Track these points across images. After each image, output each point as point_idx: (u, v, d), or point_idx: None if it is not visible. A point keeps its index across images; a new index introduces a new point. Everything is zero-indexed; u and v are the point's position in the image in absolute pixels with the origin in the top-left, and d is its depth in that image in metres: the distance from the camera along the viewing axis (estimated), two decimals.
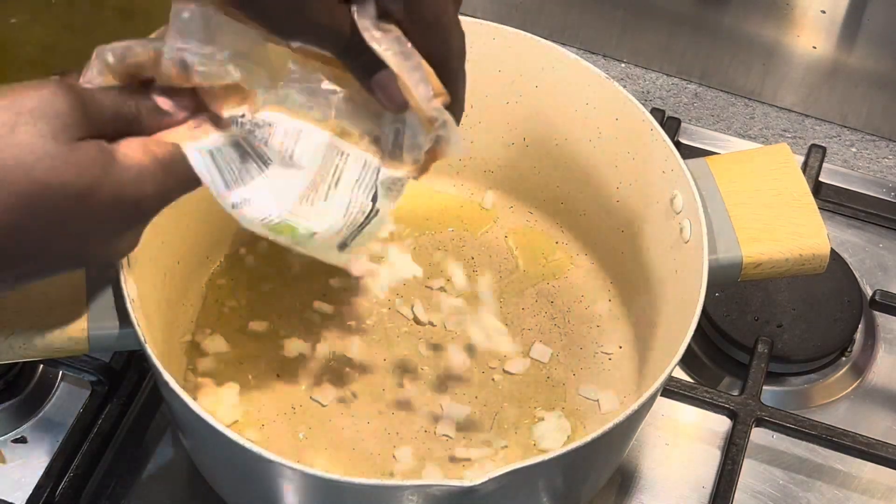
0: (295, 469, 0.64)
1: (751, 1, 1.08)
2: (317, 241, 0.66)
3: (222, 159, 0.60)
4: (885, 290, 0.93)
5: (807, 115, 1.12)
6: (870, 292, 0.94)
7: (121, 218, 0.59)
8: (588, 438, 0.66)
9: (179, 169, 0.59)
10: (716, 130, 1.09)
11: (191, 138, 0.60)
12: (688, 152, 1.01)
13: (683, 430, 0.89)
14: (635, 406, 0.68)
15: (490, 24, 0.84)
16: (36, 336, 0.70)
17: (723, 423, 0.88)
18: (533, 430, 0.80)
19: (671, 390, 0.86)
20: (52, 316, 0.71)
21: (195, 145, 0.59)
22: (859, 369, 0.93)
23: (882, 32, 1.06)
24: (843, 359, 0.94)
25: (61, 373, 0.88)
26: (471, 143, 0.90)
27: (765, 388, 0.88)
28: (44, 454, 0.83)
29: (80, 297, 0.71)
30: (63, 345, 0.71)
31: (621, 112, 0.82)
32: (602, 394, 0.83)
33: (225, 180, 0.61)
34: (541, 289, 0.88)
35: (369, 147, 0.65)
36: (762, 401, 0.87)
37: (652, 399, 0.70)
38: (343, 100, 0.64)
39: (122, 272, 0.70)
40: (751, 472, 0.87)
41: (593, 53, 1.15)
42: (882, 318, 0.95)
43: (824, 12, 1.06)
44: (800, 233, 0.78)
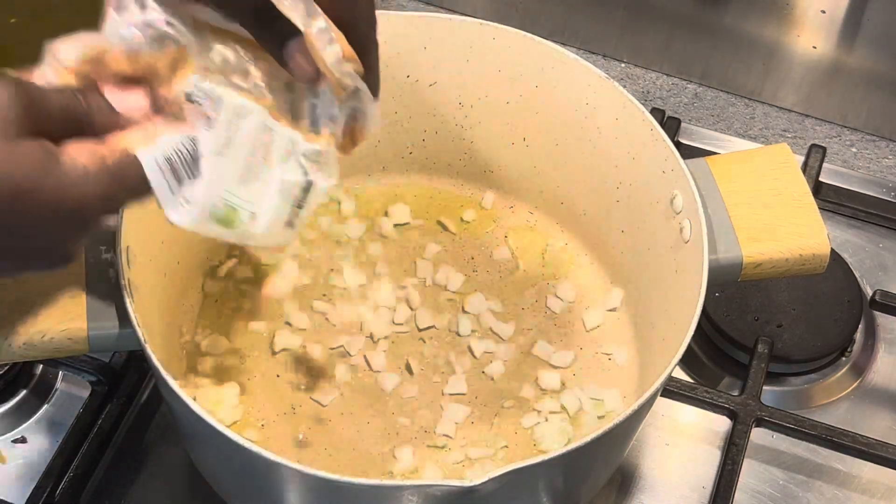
0: (295, 469, 0.64)
1: (751, 1, 1.08)
2: (261, 226, 0.63)
3: (176, 162, 0.58)
4: (885, 290, 0.93)
5: (807, 115, 1.12)
6: (870, 292, 0.94)
7: (61, 222, 0.56)
8: (588, 438, 0.66)
9: (128, 175, 0.57)
10: (716, 130, 1.09)
11: (144, 142, 0.58)
12: (688, 152, 1.00)
13: (683, 430, 0.89)
14: (635, 406, 0.68)
15: (490, 24, 0.84)
16: (36, 336, 0.70)
17: (723, 423, 0.88)
18: (533, 430, 0.80)
19: (671, 390, 0.86)
20: (52, 316, 0.71)
21: (149, 151, 0.58)
22: (859, 369, 0.93)
23: (882, 32, 1.06)
24: (843, 359, 0.94)
25: (61, 373, 0.88)
26: (471, 144, 0.91)
27: (765, 388, 0.88)
28: (44, 454, 0.83)
29: (79, 298, 0.71)
30: (63, 345, 0.71)
31: (621, 112, 0.82)
32: (602, 394, 0.83)
33: (176, 185, 0.59)
34: (541, 289, 0.88)
35: (290, 123, 0.64)
36: (762, 401, 0.87)
37: (652, 399, 0.70)
38: (263, 75, 0.63)
39: (122, 272, 0.70)
40: (751, 472, 0.87)
41: (593, 53, 1.15)
42: (882, 318, 0.95)
43: (824, 12, 1.06)
44: (800, 233, 0.78)
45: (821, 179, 1.03)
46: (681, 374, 0.91)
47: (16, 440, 0.85)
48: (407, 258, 0.89)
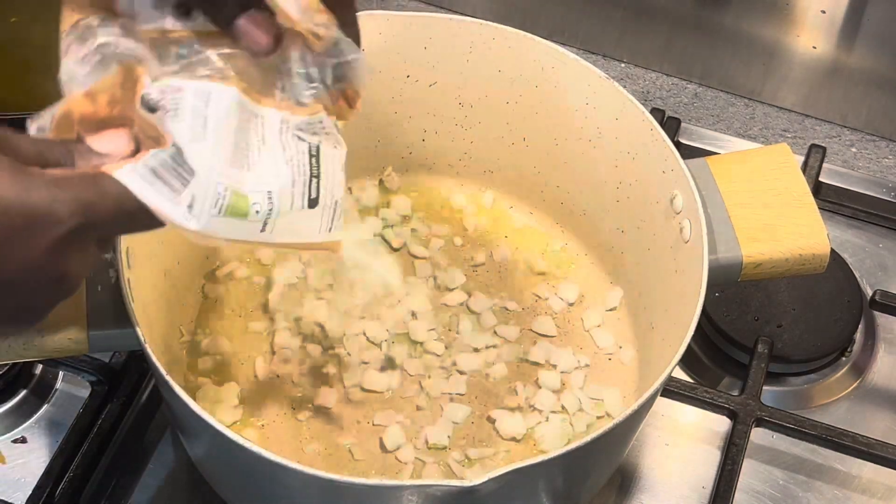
0: (295, 469, 0.64)
1: (751, 1, 1.08)
2: (279, 206, 0.59)
3: (160, 169, 0.55)
4: (885, 290, 0.93)
5: (807, 115, 1.12)
6: (870, 292, 0.94)
7: (33, 234, 0.51)
8: (588, 438, 0.66)
9: (105, 187, 0.53)
10: (716, 130, 1.09)
11: (120, 166, 0.54)
12: (688, 152, 1.00)
13: (683, 430, 0.89)
14: (635, 406, 0.68)
15: (490, 24, 0.84)
16: (36, 336, 0.70)
17: (723, 423, 0.88)
18: (533, 430, 0.80)
19: (671, 390, 0.86)
20: (53, 316, 0.70)
21: (127, 169, 0.54)
22: (859, 369, 0.93)
23: (882, 32, 1.06)
24: (843, 359, 0.94)
25: (61, 373, 0.88)
26: (471, 143, 0.91)
27: (765, 388, 0.88)
28: (44, 454, 0.83)
29: (80, 298, 0.71)
30: (63, 345, 0.71)
31: (621, 112, 0.82)
32: (602, 394, 0.83)
33: (170, 192, 0.55)
34: (541, 289, 0.88)
35: (273, 101, 0.61)
36: (762, 401, 0.87)
37: (652, 399, 0.70)
38: (227, 60, 0.60)
39: (122, 272, 0.70)
40: (751, 472, 0.86)
41: (593, 53, 1.15)
42: (882, 318, 0.95)
43: (824, 12, 1.06)
44: (800, 233, 0.78)
45: (821, 179, 1.03)
46: (681, 374, 0.91)
47: (16, 440, 0.85)
48: (407, 258, 0.89)
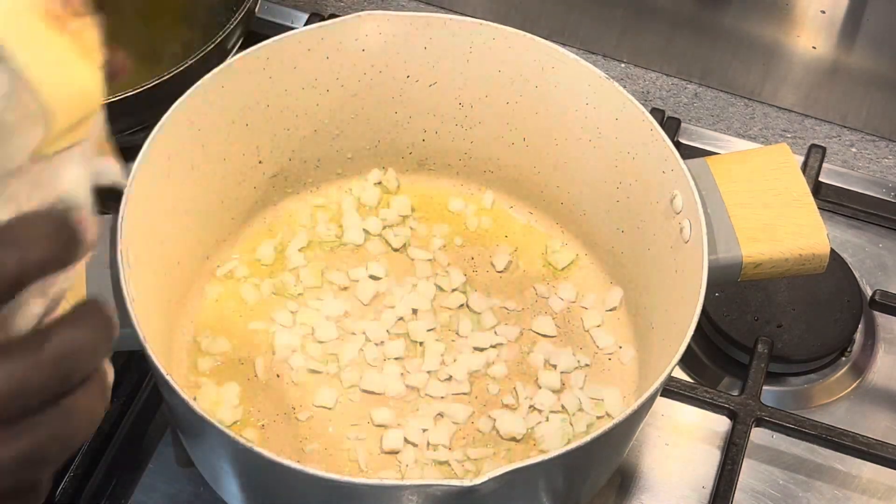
0: (295, 469, 0.64)
1: (751, 1, 1.08)
2: None
3: None
4: (885, 290, 0.93)
5: (807, 115, 1.12)
6: (870, 292, 0.94)
7: None
8: (588, 438, 0.66)
9: None
10: (716, 130, 1.09)
11: None
12: (688, 152, 1.01)
13: (683, 430, 0.89)
14: (635, 406, 0.68)
15: (490, 24, 0.84)
16: None
17: (723, 423, 0.88)
18: (533, 430, 0.80)
19: (671, 390, 0.86)
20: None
21: None
22: (859, 369, 0.93)
23: (882, 32, 1.06)
24: (843, 359, 0.94)
25: None
26: (471, 144, 0.91)
27: (765, 388, 0.88)
28: None
29: (80, 297, 0.71)
30: None
31: (621, 112, 0.82)
32: (602, 394, 0.83)
33: None
34: (541, 289, 0.88)
35: None
36: (762, 401, 0.87)
37: (652, 399, 0.70)
38: None
39: (121, 272, 0.70)
40: (751, 472, 0.87)
41: (593, 53, 1.15)
42: (882, 318, 0.95)
43: (824, 12, 1.06)
44: (800, 233, 0.78)
45: (821, 179, 1.03)
46: (681, 374, 0.91)
47: None
48: (407, 258, 0.89)
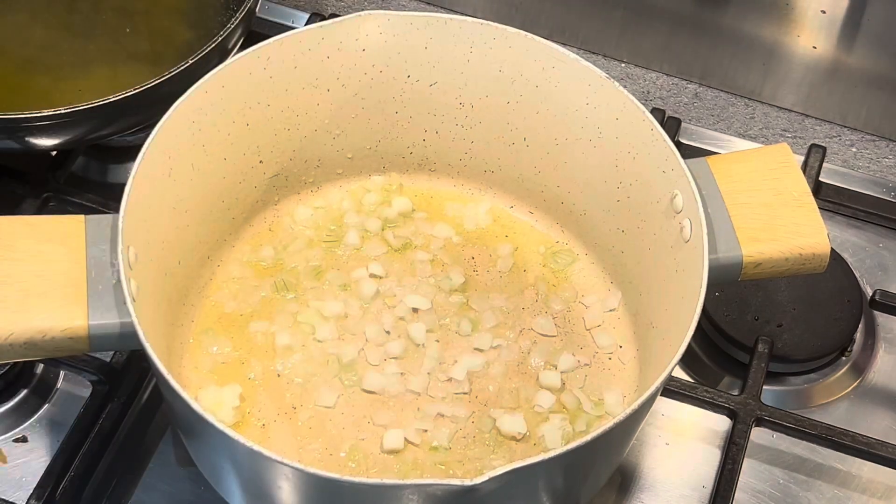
0: (295, 469, 0.64)
1: (751, 1, 1.08)
2: None
3: None
4: (885, 290, 0.93)
5: (807, 115, 1.12)
6: (870, 292, 0.94)
7: None
8: (588, 438, 0.66)
9: None
10: (716, 130, 1.09)
11: None
12: (688, 152, 1.00)
13: (683, 430, 0.89)
14: (635, 405, 0.68)
15: (490, 24, 0.84)
16: (37, 336, 0.70)
17: (723, 423, 0.88)
18: (533, 429, 0.80)
19: (671, 390, 0.86)
20: (53, 316, 0.71)
21: None
22: (859, 369, 0.93)
23: (882, 32, 1.06)
24: (843, 359, 0.94)
25: (62, 372, 0.88)
26: (471, 144, 0.91)
27: (765, 387, 0.88)
28: (45, 453, 0.84)
29: (80, 297, 0.71)
30: (63, 344, 0.71)
31: (621, 112, 0.82)
32: (602, 393, 0.83)
33: None
34: (541, 288, 0.88)
35: None
36: (762, 400, 0.87)
37: (652, 398, 0.70)
38: None
39: (122, 272, 0.70)
40: (751, 472, 0.87)
41: (593, 53, 1.15)
42: (882, 318, 0.95)
43: (824, 12, 1.06)
44: (800, 232, 0.78)
45: (821, 179, 1.03)
46: (681, 374, 0.91)
47: (17, 440, 0.85)
48: (407, 258, 0.89)
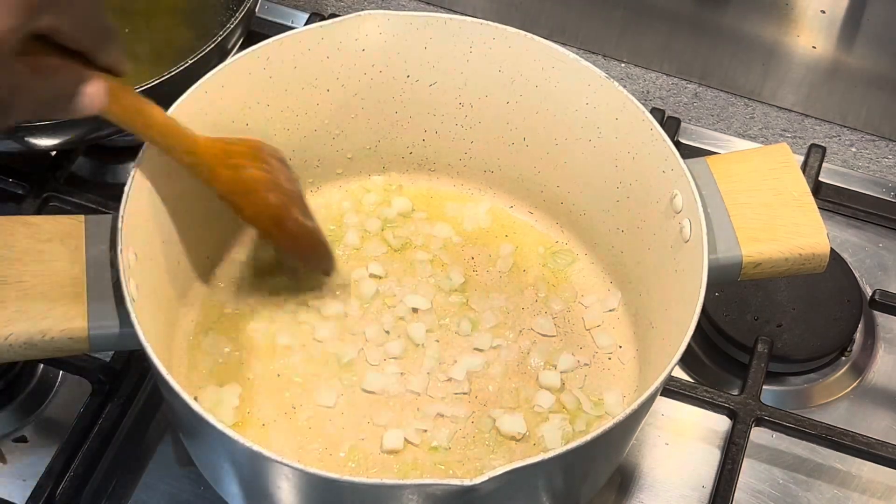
0: (295, 469, 0.64)
1: (751, 1, 1.08)
2: None
3: None
4: (885, 290, 0.93)
5: (807, 115, 1.12)
6: (870, 292, 0.94)
7: None
8: (588, 438, 0.66)
9: None
10: (716, 130, 1.09)
11: None
12: (688, 152, 1.00)
13: (683, 430, 0.89)
14: (635, 405, 0.68)
15: (490, 24, 0.84)
16: (36, 336, 0.70)
17: (723, 423, 0.88)
18: (533, 429, 0.80)
19: (671, 390, 0.86)
20: (53, 316, 0.71)
21: None
22: (859, 369, 0.93)
23: (882, 32, 1.06)
24: (843, 358, 0.94)
25: (62, 373, 0.88)
26: (471, 144, 0.91)
27: (765, 387, 0.88)
28: (44, 454, 0.83)
29: (80, 297, 0.72)
30: (63, 344, 0.71)
31: (621, 112, 0.82)
32: (602, 393, 0.83)
33: None
34: (541, 289, 0.88)
35: None
36: (762, 400, 0.87)
37: (652, 398, 0.70)
38: None
39: (122, 272, 0.70)
40: (751, 472, 0.87)
41: (593, 53, 1.15)
42: (882, 318, 0.95)
43: (824, 12, 1.06)
44: (800, 232, 0.78)
45: (821, 179, 1.03)
46: (681, 374, 0.91)
47: (16, 440, 0.85)
48: (407, 258, 0.89)
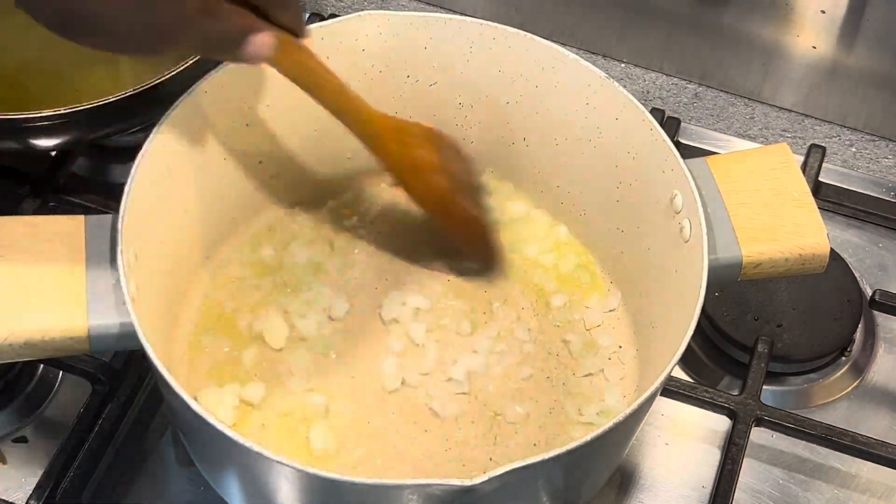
0: (295, 469, 0.64)
1: (751, 1, 1.08)
2: None
3: None
4: (885, 290, 0.93)
5: (807, 115, 1.12)
6: (870, 292, 0.94)
7: None
8: (588, 438, 0.66)
9: None
10: (716, 130, 1.09)
11: None
12: (688, 152, 1.01)
13: (683, 430, 0.89)
14: (635, 405, 0.68)
15: (490, 24, 0.84)
16: (36, 336, 0.70)
17: (723, 423, 0.88)
18: (533, 429, 0.80)
19: (671, 390, 0.86)
20: (53, 315, 0.71)
21: None
22: (859, 369, 0.93)
23: (882, 32, 1.06)
24: (843, 358, 0.94)
25: (62, 373, 0.88)
26: (471, 144, 0.91)
27: (765, 387, 0.88)
28: (44, 454, 0.83)
29: (80, 297, 0.71)
30: (63, 344, 0.71)
31: (621, 112, 0.82)
32: (602, 393, 0.83)
33: None
34: (541, 289, 0.88)
35: None
36: (762, 400, 0.87)
37: (652, 398, 0.70)
38: None
39: (122, 272, 0.70)
40: (751, 472, 0.87)
41: (593, 53, 1.15)
42: (882, 318, 0.95)
43: (824, 12, 1.06)
44: (800, 232, 0.78)
45: (820, 179, 1.03)
46: (681, 374, 0.91)
47: (16, 440, 0.85)
48: (406, 259, 0.89)
